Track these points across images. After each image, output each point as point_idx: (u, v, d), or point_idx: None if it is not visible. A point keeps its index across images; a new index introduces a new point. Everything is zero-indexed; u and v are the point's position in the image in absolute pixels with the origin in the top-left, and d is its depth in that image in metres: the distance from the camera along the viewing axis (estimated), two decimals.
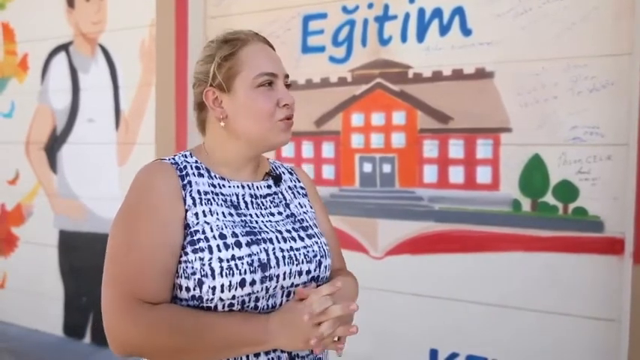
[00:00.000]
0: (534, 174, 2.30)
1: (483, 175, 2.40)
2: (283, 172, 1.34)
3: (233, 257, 1.08)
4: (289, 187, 1.32)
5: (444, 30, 2.47)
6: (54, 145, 3.80)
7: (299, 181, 1.36)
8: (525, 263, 2.31)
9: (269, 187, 1.26)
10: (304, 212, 1.29)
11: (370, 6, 2.63)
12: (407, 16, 2.55)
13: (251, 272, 1.08)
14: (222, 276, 1.07)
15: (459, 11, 2.43)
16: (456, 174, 2.46)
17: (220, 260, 1.07)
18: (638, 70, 2.06)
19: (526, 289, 2.31)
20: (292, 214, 1.25)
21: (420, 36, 2.52)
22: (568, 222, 2.24)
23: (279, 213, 1.23)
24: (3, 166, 4.08)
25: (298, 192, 1.33)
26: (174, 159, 1.18)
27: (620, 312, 2.14)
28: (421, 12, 2.52)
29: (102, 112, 3.57)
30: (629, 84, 2.11)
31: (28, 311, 3.92)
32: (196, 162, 1.19)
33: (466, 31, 2.42)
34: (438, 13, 2.48)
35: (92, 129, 3.63)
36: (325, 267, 1.21)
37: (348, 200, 2.71)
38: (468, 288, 2.43)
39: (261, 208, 1.21)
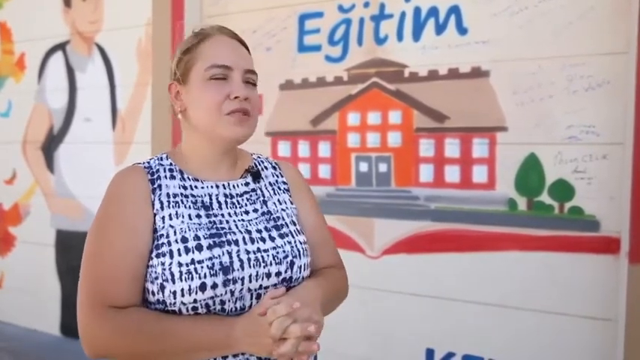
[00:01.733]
0: (530, 173, 2.29)
1: (479, 174, 2.40)
2: (266, 168, 1.30)
3: (193, 261, 1.07)
4: (270, 182, 1.27)
5: (439, 29, 2.46)
6: (51, 144, 3.79)
7: (282, 177, 1.30)
8: (521, 263, 2.31)
9: (247, 184, 1.24)
10: (282, 209, 1.24)
11: (366, 5, 2.62)
12: (403, 15, 2.54)
13: (211, 276, 1.07)
14: (181, 280, 1.06)
15: (454, 10, 2.43)
16: (452, 173, 2.45)
17: (180, 265, 1.07)
18: (634, 69, 2.05)
19: (522, 289, 2.31)
20: (268, 212, 1.21)
21: (416, 35, 2.52)
22: (564, 221, 2.23)
23: (255, 210, 1.20)
24: (0, 165, 4.07)
25: (279, 188, 1.28)
26: (148, 162, 1.20)
27: (617, 311, 2.13)
28: (417, 11, 2.51)
29: (99, 112, 3.56)
30: (625, 83, 2.10)
31: (26, 311, 3.92)
32: (170, 164, 1.19)
33: (462, 30, 2.42)
34: (433, 12, 2.47)
35: (89, 128, 3.62)
36: (299, 267, 1.17)
37: (344, 200, 2.71)
38: (464, 287, 2.43)
39: (236, 207, 1.19)
